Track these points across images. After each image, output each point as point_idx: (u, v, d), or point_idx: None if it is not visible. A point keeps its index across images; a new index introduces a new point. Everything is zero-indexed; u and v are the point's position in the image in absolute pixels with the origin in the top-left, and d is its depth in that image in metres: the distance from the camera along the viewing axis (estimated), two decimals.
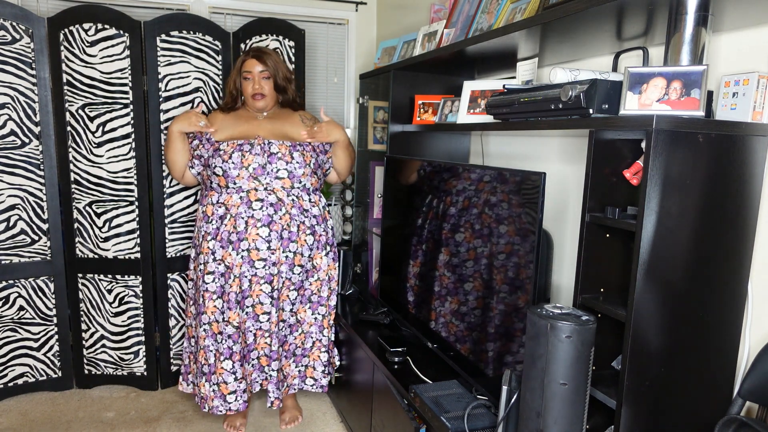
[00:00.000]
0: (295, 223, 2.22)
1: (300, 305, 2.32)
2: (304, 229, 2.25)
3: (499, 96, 1.70)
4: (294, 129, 2.30)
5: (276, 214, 2.18)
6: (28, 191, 2.55)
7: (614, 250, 1.38)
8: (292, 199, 2.21)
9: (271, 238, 2.18)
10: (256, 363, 2.28)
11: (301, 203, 2.24)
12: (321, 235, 2.32)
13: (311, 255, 2.29)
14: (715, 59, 1.45)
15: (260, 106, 2.29)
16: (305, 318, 2.34)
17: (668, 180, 1.19)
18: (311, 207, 2.28)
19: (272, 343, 2.24)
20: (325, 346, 2.41)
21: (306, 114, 2.39)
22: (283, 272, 2.23)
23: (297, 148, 2.23)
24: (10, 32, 2.42)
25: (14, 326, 2.60)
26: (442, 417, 1.58)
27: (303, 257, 2.26)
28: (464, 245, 1.79)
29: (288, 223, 2.20)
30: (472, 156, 2.57)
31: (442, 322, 1.93)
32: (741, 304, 1.36)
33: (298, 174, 2.21)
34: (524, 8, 1.69)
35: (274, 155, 2.18)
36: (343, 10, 3.34)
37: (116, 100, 2.53)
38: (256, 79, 2.25)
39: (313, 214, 2.28)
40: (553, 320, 1.20)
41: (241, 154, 2.16)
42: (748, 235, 1.33)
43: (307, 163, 2.23)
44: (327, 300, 2.39)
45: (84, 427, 2.42)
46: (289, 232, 2.21)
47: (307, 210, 2.26)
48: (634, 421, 1.27)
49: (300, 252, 2.25)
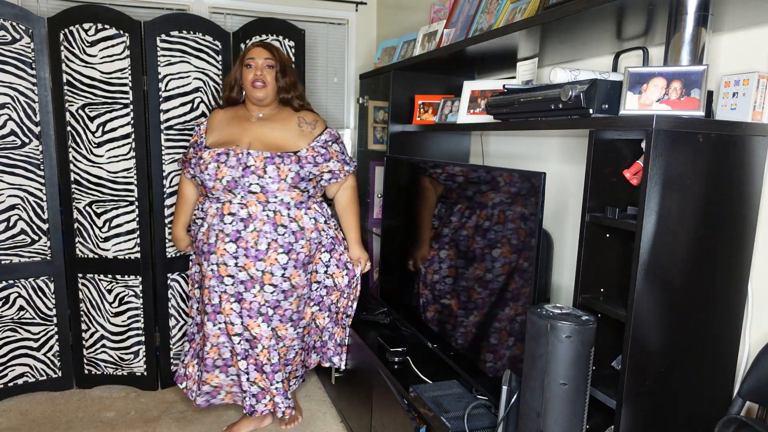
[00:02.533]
0: (265, 240, 2.05)
1: (280, 324, 2.16)
2: (276, 247, 2.07)
3: (499, 96, 1.70)
4: (286, 134, 2.14)
5: (245, 230, 2.05)
6: (28, 191, 2.55)
7: (614, 250, 1.38)
8: (267, 215, 2.06)
9: (238, 255, 2.05)
10: (235, 378, 2.23)
11: (277, 219, 2.07)
12: (300, 253, 2.12)
13: (286, 275, 2.10)
14: (715, 59, 1.45)
15: (260, 96, 2.14)
16: (286, 335, 2.18)
17: (668, 180, 1.19)
18: (290, 223, 2.09)
19: (247, 368, 2.15)
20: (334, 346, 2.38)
21: (306, 116, 2.21)
22: (253, 291, 2.10)
23: (274, 161, 2.04)
24: (10, 32, 2.42)
25: (14, 326, 2.60)
26: (442, 417, 1.58)
27: (274, 277, 2.09)
28: (464, 245, 1.79)
29: (256, 241, 2.05)
30: (472, 156, 2.57)
31: (442, 322, 1.93)
32: (741, 304, 1.36)
33: (271, 189, 2.04)
34: (524, 8, 1.69)
35: (248, 168, 2.04)
36: (343, 10, 3.34)
37: (116, 100, 2.53)
38: (259, 66, 2.13)
39: (292, 230, 2.09)
40: (553, 320, 1.20)
41: (216, 165, 2.06)
42: (748, 235, 1.33)
43: (282, 178, 2.04)
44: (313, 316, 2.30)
45: (84, 427, 2.42)
46: (257, 250, 2.05)
47: (285, 226, 2.08)
48: (634, 421, 1.27)
49: (270, 271, 2.08)
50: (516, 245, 1.52)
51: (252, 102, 2.20)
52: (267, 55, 2.15)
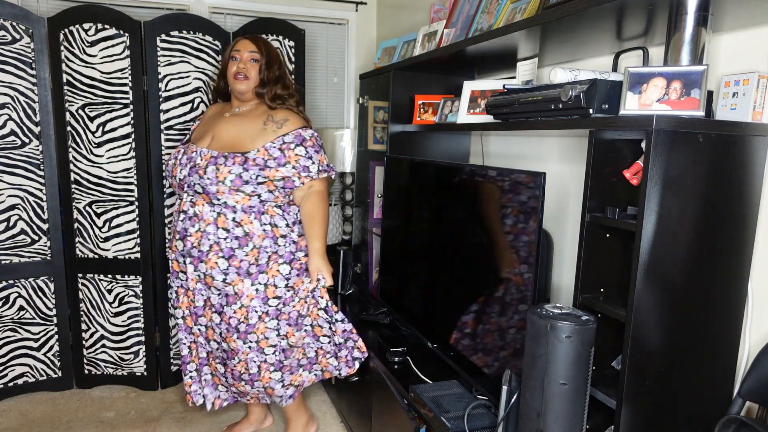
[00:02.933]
0: (207, 242, 1.95)
1: (227, 333, 2.01)
2: (217, 250, 1.95)
3: (499, 96, 1.70)
4: (246, 133, 2.01)
5: (191, 228, 1.97)
6: (28, 191, 2.55)
7: (614, 250, 1.38)
8: (213, 216, 1.95)
9: (185, 253, 1.99)
10: (208, 378, 2.21)
11: (221, 222, 1.95)
12: (243, 261, 1.96)
13: (227, 281, 1.97)
14: (715, 59, 1.45)
15: (240, 88, 2.04)
16: (238, 347, 2.01)
17: (668, 180, 1.19)
18: (235, 228, 1.95)
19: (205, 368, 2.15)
20: (273, 366, 2.07)
21: (277, 114, 2.05)
22: (199, 290, 2.02)
23: (217, 161, 1.93)
24: (10, 32, 2.42)
25: (14, 326, 2.60)
26: (442, 417, 1.58)
27: (215, 281, 1.97)
28: (464, 245, 1.79)
29: (199, 241, 1.95)
30: (472, 156, 2.57)
31: (442, 322, 1.93)
32: (741, 304, 1.36)
33: (211, 191, 1.92)
34: (524, 8, 1.69)
35: (194, 167, 1.96)
36: (343, 10, 3.34)
37: (116, 100, 2.53)
38: (243, 58, 2.05)
39: (236, 235, 1.95)
40: (553, 320, 1.20)
41: (174, 162, 2.04)
42: (748, 235, 1.33)
43: (220, 180, 1.91)
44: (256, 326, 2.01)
45: (84, 427, 2.42)
46: (199, 251, 1.96)
47: (228, 231, 1.95)
48: (634, 421, 1.27)
49: (210, 275, 1.97)
50: (516, 245, 1.52)
51: (234, 96, 2.12)
52: (252, 48, 2.06)
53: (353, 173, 3.08)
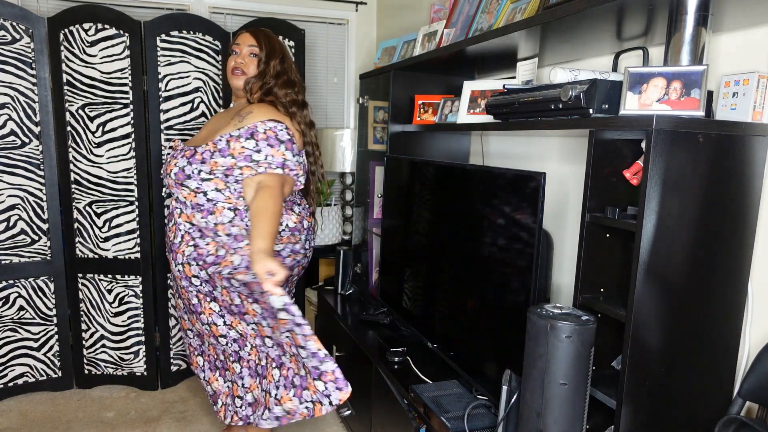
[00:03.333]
0: (179, 233, 1.92)
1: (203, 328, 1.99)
2: (188, 239, 1.90)
3: (499, 96, 1.70)
4: (213, 128, 2.00)
5: (171, 222, 1.98)
6: (28, 191, 2.55)
7: (614, 250, 1.38)
8: (177, 211, 1.94)
9: (167, 247, 2.01)
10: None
11: (184, 218, 1.92)
12: (204, 250, 1.88)
13: (193, 271, 1.92)
14: (715, 59, 1.45)
15: (237, 84, 2.00)
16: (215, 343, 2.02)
17: (668, 180, 1.19)
18: (191, 222, 1.92)
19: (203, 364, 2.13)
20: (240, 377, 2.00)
21: (249, 107, 1.95)
22: (181, 283, 1.96)
23: (176, 155, 1.92)
24: (10, 32, 2.42)
25: (14, 326, 2.60)
26: (442, 417, 1.58)
27: (190, 268, 1.93)
28: (464, 245, 1.79)
29: (174, 234, 1.95)
30: (472, 156, 2.57)
31: (442, 322, 1.93)
32: (741, 304, 1.36)
33: (164, 184, 1.97)
34: (524, 8, 1.69)
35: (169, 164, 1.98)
36: (343, 10, 3.34)
37: (116, 100, 2.53)
38: (242, 53, 1.99)
39: (199, 227, 1.91)
40: (553, 320, 1.20)
41: (167, 159, 2.04)
42: (748, 235, 1.33)
43: (167, 173, 1.91)
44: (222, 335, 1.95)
45: (84, 427, 2.42)
46: (172, 242, 1.95)
47: (193, 225, 1.91)
48: (634, 421, 1.27)
49: (182, 263, 1.92)
50: (516, 245, 1.52)
51: (233, 91, 2.08)
52: (252, 42, 1.99)
53: (353, 173, 3.08)
